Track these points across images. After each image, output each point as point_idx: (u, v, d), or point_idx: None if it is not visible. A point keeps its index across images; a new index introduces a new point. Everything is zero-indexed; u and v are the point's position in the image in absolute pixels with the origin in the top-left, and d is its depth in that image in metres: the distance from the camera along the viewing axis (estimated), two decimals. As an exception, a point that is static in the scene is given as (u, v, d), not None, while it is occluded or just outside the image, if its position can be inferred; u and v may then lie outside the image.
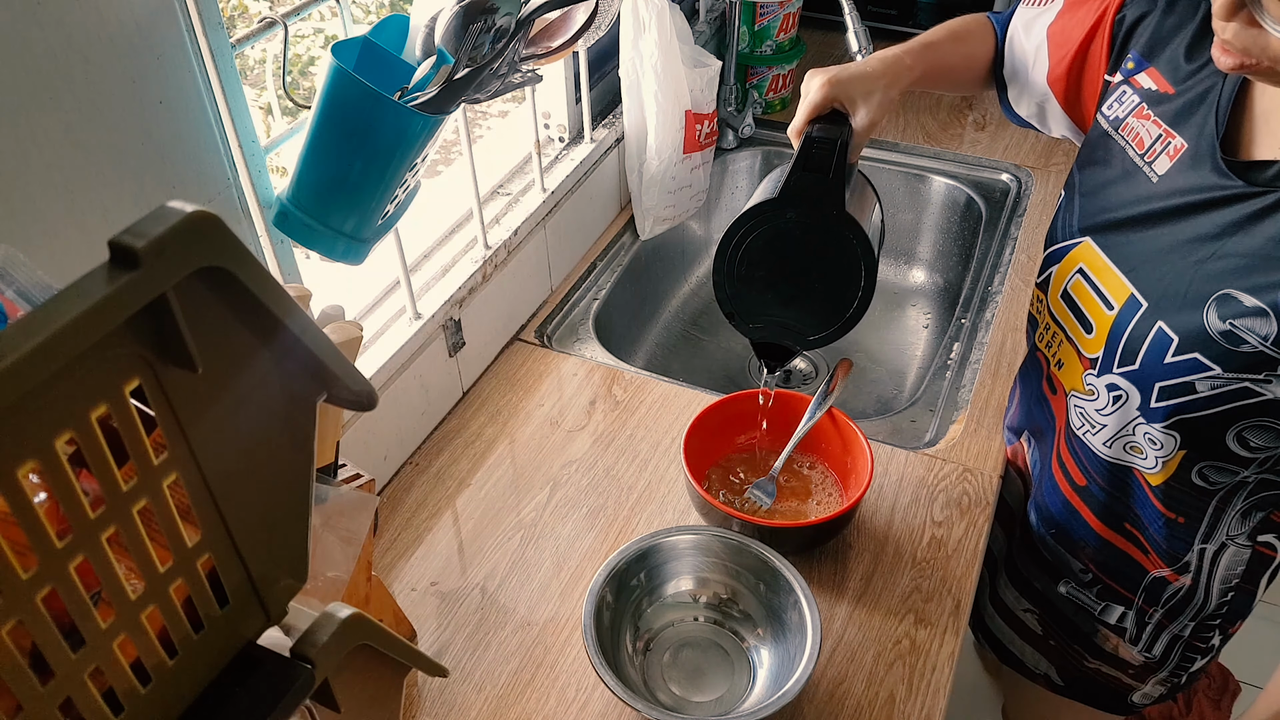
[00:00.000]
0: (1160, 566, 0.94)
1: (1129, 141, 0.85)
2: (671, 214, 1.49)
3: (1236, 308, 0.73)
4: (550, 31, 0.93)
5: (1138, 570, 0.96)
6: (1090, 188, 0.89)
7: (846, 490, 1.03)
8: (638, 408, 1.18)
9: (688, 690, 0.88)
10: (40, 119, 0.64)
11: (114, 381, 0.34)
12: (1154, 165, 0.82)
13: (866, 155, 1.66)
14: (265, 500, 0.44)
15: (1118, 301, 0.83)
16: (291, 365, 0.41)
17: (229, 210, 0.82)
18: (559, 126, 1.37)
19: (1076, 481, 0.97)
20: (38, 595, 0.33)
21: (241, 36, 0.78)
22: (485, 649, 0.92)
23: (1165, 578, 0.94)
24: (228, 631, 0.44)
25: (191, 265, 0.33)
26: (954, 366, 1.27)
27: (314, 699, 0.48)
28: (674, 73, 1.32)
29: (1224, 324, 0.74)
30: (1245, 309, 0.72)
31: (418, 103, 0.79)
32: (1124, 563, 0.97)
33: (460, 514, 1.06)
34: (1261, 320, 0.71)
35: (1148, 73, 0.84)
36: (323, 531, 0.67)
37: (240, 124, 0.78)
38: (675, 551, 0.92)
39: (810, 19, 1.91)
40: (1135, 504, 0.92)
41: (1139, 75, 0.85)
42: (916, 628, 0.93)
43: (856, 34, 1.28)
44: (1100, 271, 0.85)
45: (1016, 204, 1.54)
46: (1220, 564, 0.90)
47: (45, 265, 0.65)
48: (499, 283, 1.22)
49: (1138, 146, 0.84)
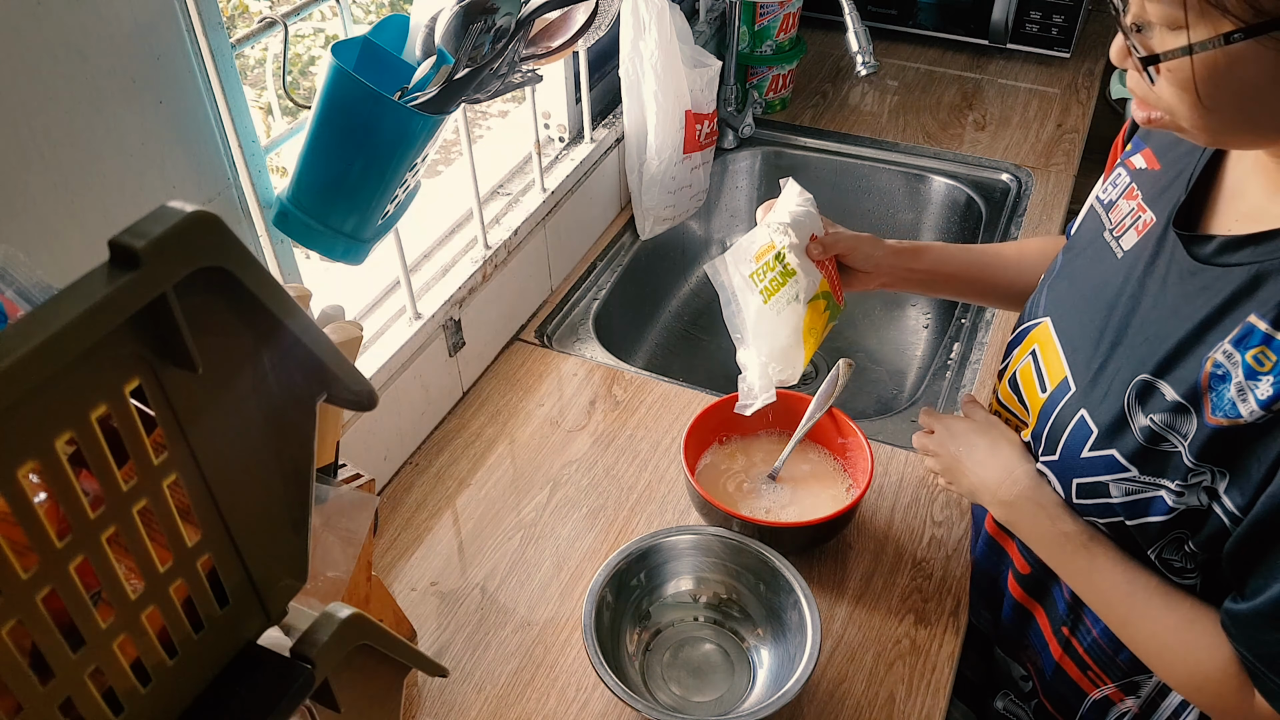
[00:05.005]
0: (1104, 683, 0.83)
1: (1110, 220, 0.80)
2: (671, 214, 1.49)
3: (1158, 401, 0.67)
4: (550, 31, 0.93)
5: (1076, 694, 0.86)
6: (1066, 270, 0.84)
7: (847, 489, 1.02)
8: (638, 408, 1.18)
9: (688, 690, 0.88)
10: (40, 119, 0.64)
11: (114, 381, 0.34)
12: (1121, 240, 0.77)
13: (866, 155, 1.66)
14: (265, 500, 0.44)
15: (1052, 384, 0.78)
16: (291, 365, 0.41)
17: (229, 210, 0.82)
18: (559, 126, 1.37)
19: (1020, 570, 0.89)
20: (38, 595, 0.33)
21: (241, 36, 0.78)
22: (485, 649, 0.92)
23: (1108, 698, 0.84)
24: (228, 631, 0.44)
25: (191, 265, 0.33)
26: (954, 366, 1.27)
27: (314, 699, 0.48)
28: (674, 73, 1.32)
29: (1145, 419, 0.68)
30: (1166, 403, 0.66)
31: (418, 103, 0.79)
32: (1063, 683, 0.87)
33: (460, 514, 1.06)
34: (1183, 418, 0.65)
35: (1143, 153, 0.80)
36: (323, 531, 0.67)
37: (240, 124, 0.78)
38: (675, 551, 0.92)
39: (810, 19, 1.92)
40: (1082, 609, 0.82)
41: (1134, 156, 0.81)
42: (916, 628, 0.93)
43: (856, 34, 1.28)
44: (1047, 351, 0.80)
45: (1017, 204, 1.54)
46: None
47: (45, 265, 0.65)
48: (499, 283, 1.22)
49: (1115, 223, 0.79)
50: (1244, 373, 0.61)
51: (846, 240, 0.92)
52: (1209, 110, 0.59)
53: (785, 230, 0.87)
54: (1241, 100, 0.59)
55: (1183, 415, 0.65)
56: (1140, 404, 0.68)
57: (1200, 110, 0.60)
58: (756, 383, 0.90)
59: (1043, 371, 0.81)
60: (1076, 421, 0.74)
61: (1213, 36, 0.56)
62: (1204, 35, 0.56)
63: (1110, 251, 0.78)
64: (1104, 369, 0.73)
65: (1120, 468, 0.70)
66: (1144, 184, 0.78)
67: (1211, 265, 0.67)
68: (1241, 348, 0.62)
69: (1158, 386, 0.67)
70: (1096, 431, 0.72)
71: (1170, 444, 0.66)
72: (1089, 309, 0.77)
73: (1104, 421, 0.71)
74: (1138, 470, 0.69)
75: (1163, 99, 0.61)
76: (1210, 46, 0.56)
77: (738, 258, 0.90)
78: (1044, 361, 0.81)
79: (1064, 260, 0.86)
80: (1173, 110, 0.62)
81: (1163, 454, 0.67)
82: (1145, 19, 0.59)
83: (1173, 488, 0.67)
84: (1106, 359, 0.73)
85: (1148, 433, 0.68)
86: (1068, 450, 0.75)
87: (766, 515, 0.99)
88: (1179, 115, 0.61)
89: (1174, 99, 0.60)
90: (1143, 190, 0.78)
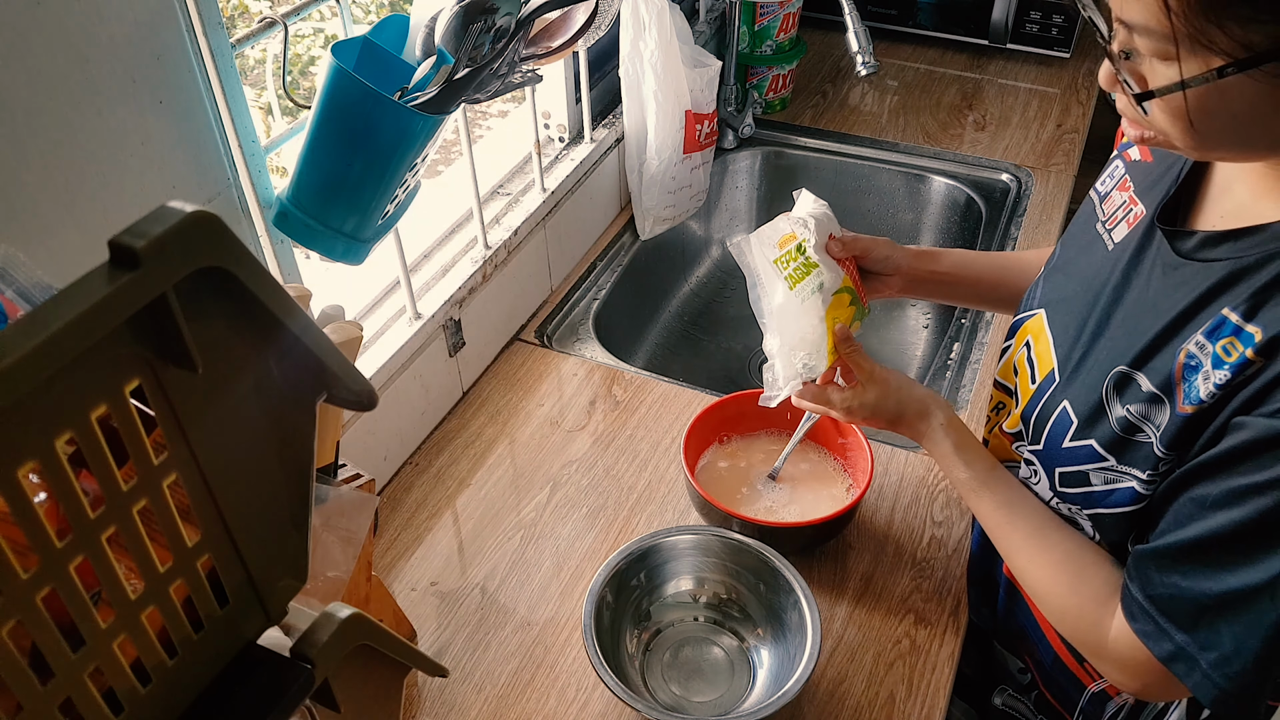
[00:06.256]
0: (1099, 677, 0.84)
1: (1103, 211, 0.81)
2: (671, 214, 1.49)
3: (1134, 392, 0.68)
4: (550, 31, 0.93)
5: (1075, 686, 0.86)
6: (1062, 260, 0.85)
7: (847, 489, 1.02)
8: (638, 408, 1.18)
9: (688, 690, 0.88)
10: (40, 119, 0.64)
11: (114, 381, 0.34)
12: (1113, 232, 0.78)
13: (866, 155, 1.66)
14: (265, 500, 0.44)
15: (1041, 374, 0.80)
16: (291, 365, 0.41)
17: (229, 210, 0.82)
18: (559, 126, 1.37)
19: None
20: (38, 595, 0.33)
21: (241, 36, 0.78)
22: (485, 649, 0.92)
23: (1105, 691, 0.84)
24: (228, 631, 0.44)
25: (191, 265, 0.33)
26: (954, 366, 1.27)
27: (314, 699, 0.48)
28: (674, 73, 1.32)
29: (1121, 409, 0.69)
30: (1142, 394, 0.68)
31: (418, 103, 0.79)
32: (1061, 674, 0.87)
33: (460, 514, 1.06)
34: (1157, 408, 0.66)
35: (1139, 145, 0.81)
36: (323, 531, 0.67)
37: (240, 124, 0.78)
38: (675, 551, 0.92)
39: (810, 19, 1.91)
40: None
41: (1132, 148, 0.82)
42: (916, 628, 0.93)
43: (856, 34, 1.28)
44: (1039, 343, 0.82)
45: (1016, 204, 1.54)
46: None
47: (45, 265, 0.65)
48: (499, 283, 1.22)
49: (1107, 214, 0.80)
50: (1212, 362, 0.63)
51: (864, 241, 0.92)
52: (1201, 135, 0.60)
53: (805, 224, 0.87)
54: (1234, 126, 0.59)
55: (1156, 405, 0.67)
56: (1118, 394, 0.70)
57: (1192, 134, 0.60)
58: (781, 373, 0.89)
59: (1034, 363, 0.82)
60: (1059, 412, 0.75)
61: (1205, 72, 0.56)
62: (1195, 70, 0.56)
63: (1102, 243, 0.79)
64: (1085, 360, 0.75)
65: (1099, 457, 0.71)
66: (1137, 176, 0.79)
67: (1192, 260, 0.68)
68: (1213, 338, 0.63)
69: (1134, 378, 0.69)
70: (1076, 422, 0.73)
71: (1145, 434, 0.68)
72: (1078, 301, 0.78)
73: (1083, 412, 0.73)
74: (1115, 460, 0.70)
75: (1155, 123, 0.62)
76: (1201, 82, 0.56)
77: (763, 241, 0.88)
78: (1036, 354, 0.82)
79: (1061, 251, 0.87)
80: (1165, 132, 0.62)
81: (1136, 444, 0.69)
82: (1133, 47, 0.59)
83: (1143, 477, 0.68)
84: (1088, 350, 0.75)
85: (1124, 423, 0.69)
86: (1051, 440, 0.76)
87: (766, 515, 0.99)
88: (1172, 137, 0.62)
89: (1166, 124, 0.61)
90: (1135, 182, 0.79)
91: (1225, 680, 0.61)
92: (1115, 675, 0.71)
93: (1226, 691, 0.61)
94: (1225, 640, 0.61)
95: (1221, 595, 0.61)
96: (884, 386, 0.85)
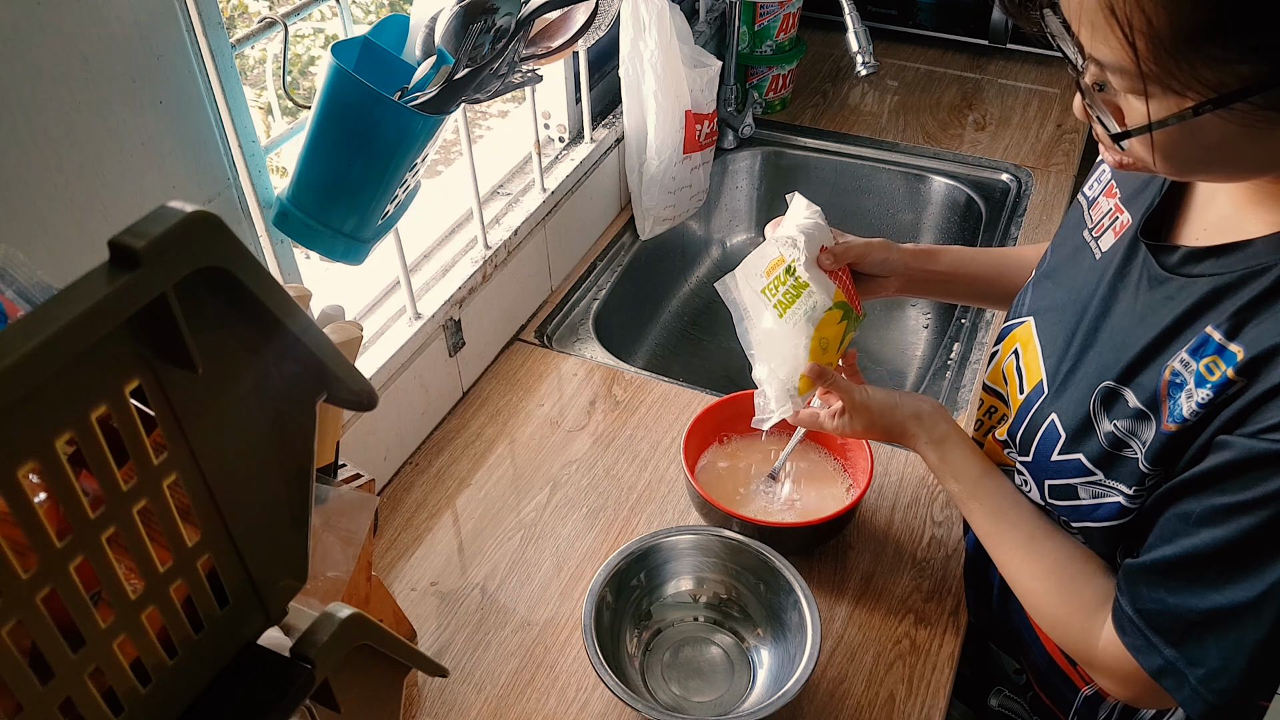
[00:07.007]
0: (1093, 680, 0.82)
1: (1091, 218, 0.81)
2: (671, 214, 1.49)
3: (1121, 408, 0.68)
4: (550, 31, 0.93)
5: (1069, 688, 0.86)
6: (1050, 267, 0.85)
7: (847, 489, 1.02)
8: (638, 408, 1.18)
9: (688, 690, 0.88)
10: (40, 119, 0.64)
11: (114, 381, 0.34)
12: (1100, 240, 0.78)
13: (866, 155, 1.66)
14: (265, 500, 0.44)
15: (1030, 384, 0.80)
16: (291, 365, 0.41)
17: (229, 210, 0.82)
18: (559, 126, 1.37)
19: None
20: (38, 595, 0.33)
21: (241, 36, 0.78)
22: (485, 649, 0.92)
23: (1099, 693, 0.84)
24: (228, 631, 0.44)
25: (191, 265, 0.33)
26: (954, 366, 1.27)
27: (314, 699, 0.48)
28: (674, 73, 1.32)
29: (1109, 425, 0.69)
30: (1129, 410, 0.68)
31: (418, 103, 0.79)
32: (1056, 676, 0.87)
33: (460, 514, 1.06)
34: (1143, 425, 0.67)
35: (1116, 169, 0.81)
36: (323, 531, 0.67)
37: (240, 124, 0.78)
38: (675, 551, 0.92)
39: (810, 19, 1.91)
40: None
41: None
42: (916, 628, 0.93)
43: (856, 34, 1.28)
44: (1028, 351, 0.81)
45: (1016, 204, 1.54)
46: None
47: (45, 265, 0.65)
48: (499, 283, 1.22)
49: (1094, 221, 0.80)
50: (1195, 381, 0.63)
51: (857, 248, 0.92)
52: (1178, 164, 0.60)
53: (793, 243, 0.86)
54: (1210, 157, 0.59)
55: (1143, 422, 0.67)
56: (1105, 410, 0.70)
57: (1169, 163, 0.60)
58: (773, 398, 0.90)
59: (1023, 372, 0.82)
60: (1048, 425, 0.75)
61: (1178, 111, 0.56)
62: (1168, 109, 0.56)
63: (1089, 251, 0.79)
64: (1073, 373, 0.74)
65: (1087, 471, 0.71)
66: (1122, 182, 0.79)
67: (1176, 275, 0.68)
68: (1197, 356, 0.63)
69: (1121, 393, 0.69)
70: (1065, 435, 0.73)
71: (1131, 450, 0.68)
72: (1066, 311, 0.78)
73: (1071, 426, 0.73)
74: (1102, 474, 0.70)
75: (1132, 152, 0.62)
76: (1175, 120, 0.56)
77: (748, 273, 0.88)
78: (1024, 363, 0.82)
79: (1050, 256, 0.86)
80: (1142, 160, 0.62)
81: (1123, 459, 0.69)
82: (1104, 79, 0.59)
83: (1129, 493, 0.68)
84: (1076, 362, 0.75)
85: (1111, 438, 0.69)
86: (1039, 452, 0.76)
87: (766, 515, 0.99)
88: (1149, 164, 0.62)
89: (1143, 153, 0.61)
90: (1121, 188, 0.79)
91: (1214, 696, 0.62)
92: (1106, 684, 0.72)
93: (1215, 707, 0.62)
94: (1212, 657, 0.61)
95: (1207, 612, 0.61)
96: (867, 414, 0.86)
